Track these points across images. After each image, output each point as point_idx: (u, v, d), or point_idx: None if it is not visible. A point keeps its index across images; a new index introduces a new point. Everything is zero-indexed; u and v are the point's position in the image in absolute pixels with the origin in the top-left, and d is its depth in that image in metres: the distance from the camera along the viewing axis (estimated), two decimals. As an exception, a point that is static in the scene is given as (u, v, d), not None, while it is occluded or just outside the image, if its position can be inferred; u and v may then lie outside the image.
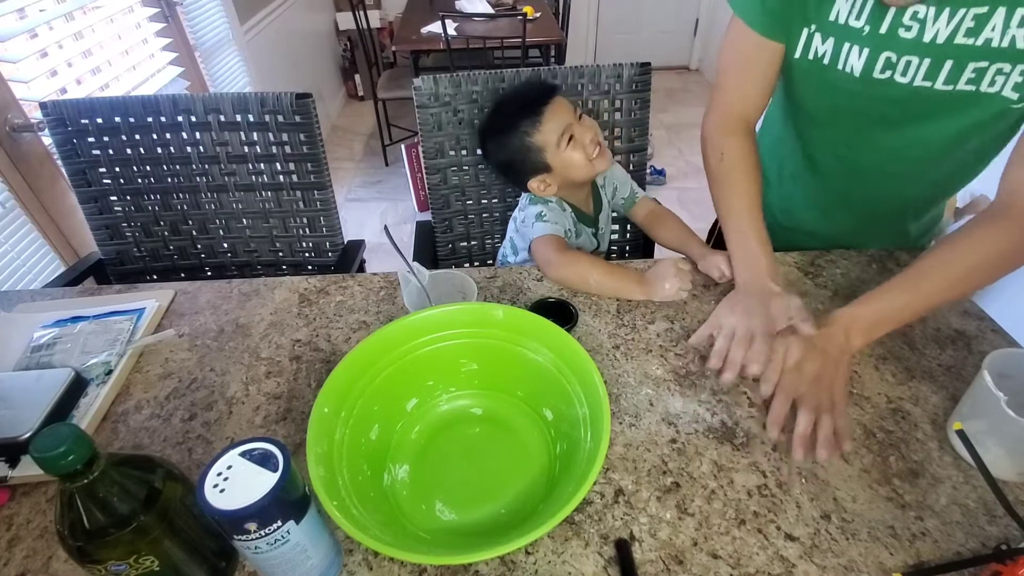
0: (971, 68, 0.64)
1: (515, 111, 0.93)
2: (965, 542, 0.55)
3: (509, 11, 2.77)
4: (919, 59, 0.66)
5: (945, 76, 0.66)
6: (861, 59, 0.69)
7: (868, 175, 0.84)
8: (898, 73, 0.68)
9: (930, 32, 0.64)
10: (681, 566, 0.53)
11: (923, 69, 0.66)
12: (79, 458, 0.39)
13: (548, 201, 0.97)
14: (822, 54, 0.73)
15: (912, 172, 0.81)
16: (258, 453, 0.43)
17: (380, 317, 0.82)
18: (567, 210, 0.99)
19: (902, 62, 0.67)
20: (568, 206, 1.00)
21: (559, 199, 0.98)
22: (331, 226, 1.19)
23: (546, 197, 0.97)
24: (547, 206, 0.96)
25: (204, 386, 0.72)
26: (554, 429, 0.64)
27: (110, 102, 1.04)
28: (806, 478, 0.60)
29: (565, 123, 0.91)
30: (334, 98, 3.76)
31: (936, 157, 0.77)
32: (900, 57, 0.67)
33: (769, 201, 0.95)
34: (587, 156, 0.91)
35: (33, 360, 0.74)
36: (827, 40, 0.71)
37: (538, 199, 0.98)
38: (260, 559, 0.44)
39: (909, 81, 0.68)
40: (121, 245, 1.17)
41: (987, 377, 0.57)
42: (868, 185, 0.86)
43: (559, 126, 0.91)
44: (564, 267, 0.86)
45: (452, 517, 0.58)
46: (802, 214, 0.97)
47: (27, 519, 0.58)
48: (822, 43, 0.72)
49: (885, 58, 0.68)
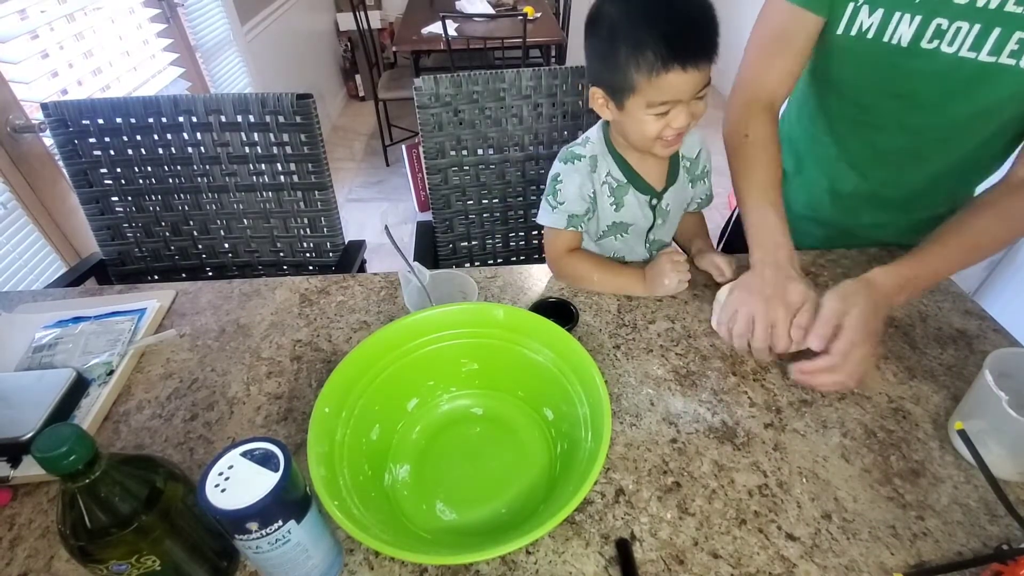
0: (1016, 38, 0.65)
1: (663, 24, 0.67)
2: (966, 542, 0.54)
3: (509, 11, 2.77)
4: (969, 25, 0.67)
5: (991, 46, 0.66)
6: (912, 27, 0.70)
7: (895, 159, 0.83)
8: (945, 42, 0.69)
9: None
10: (682, 566, 0.53)
11: (971, 38, 0.67)
12: (81, 458, 0.39)
13: (579, 158, 0.83)
14: (867, 28, 0.73)
15: (938, 154, 0.80)
16: (259, 453, 0.43)
17: (381, 317, 0.82)
18: (599, 172, 0.84)
19: (952, 29, 0.68)
20: (615, 163, 0.84)
21: (592, 157, 0.84)
22: (332, 226, 1.19)
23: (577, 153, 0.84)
24: (572, 167, 0.83)
25: (205, 386, 0.72)
26: (555, 429, 0.64)
27: (111, 103, 1.05)
28: (806, 478, 0.60)
29: (680, 98, 0.71)
30: (335, 98, 3.76)
31: (964, 138, 0.77)
32: (951, 23, 0.67)
33: (787, 193, 0.92)
34: (658, 133, 0.74)
35: (35, 360, 0.74)
36: (875, 11, 0.71)
37: (568, 155, 0.84)
38: (261, 559, 0.44)
39: (955, 51, 0.69)
40: (122, 245, 1.18)
41: (988, 377, 0.57)
42: (893, 170, 0.85)
43: (672, 93, 0.70)
44: (567, 266, 0.87)
45: (453, 517, 0.58)
46: (823, 203, 0.95)
47: (29, 519, 0.58)
48: (869, 15, 0.72)
49: (936, 25, 0.68)
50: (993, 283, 1.67)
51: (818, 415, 0.67)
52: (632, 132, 0.77)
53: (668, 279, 0.81)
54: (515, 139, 1.16)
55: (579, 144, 0.86)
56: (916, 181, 0.85)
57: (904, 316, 0.80)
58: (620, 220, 0.88)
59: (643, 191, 0.86)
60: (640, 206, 0.87)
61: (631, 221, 0.88)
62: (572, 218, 0.85)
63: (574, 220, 0.85)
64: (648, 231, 0.91)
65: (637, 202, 0.87)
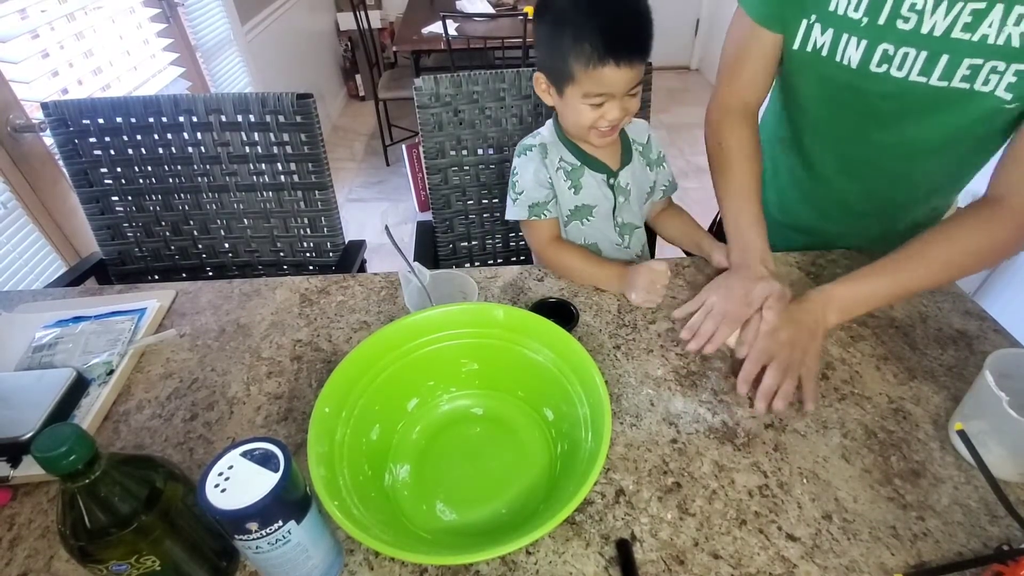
0: (966, 64, 0.64)
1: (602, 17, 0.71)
2: (967, 542, 0.54)
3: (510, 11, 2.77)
4: (916, 52, 0.66)
5: (940, 71, 0.66)
6: (859, 51, 0.70)
7: (861, 172, 0.84)
8: (894, 67, 0.69)
9: (928, 24, 0.64)
10: (682, 566, 0.53)
11: (919, 63, 0.67)
12: (80, 458, 0.39)
13: (530, 148, 0.87)
14: (820, 45, 0.73)
15: (904, 170, 0.81)
16: (259, 453, 0.43)
17: (381, 317, 0.82)
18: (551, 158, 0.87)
19: (899, 55, 0.68)
20: (567, 148, 0.88)
21: (542, 146, 0.87)
22: (332, 226, 1.19)
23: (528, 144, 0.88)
24: (526, 158, 0.87)
25: (205, 386, 0.72)
26: (555, 429, 0.64)
27: (111, 102, 1.05)
28: (807, 478, 0.60)
29: (614, 92, 0.75)
30: (335, 98, 3.76)
31: (928, 156, 0.77)
32: (897, 49, 0.67)
33: (766, 197, 0.95)
34: (592, 123, 0.78)
35: (35, 360, 0.74)
36: (826, 31, 0.72)
37: (520, 148, 0.88)
38: (261, 559, 0.44)
39: (905, 75, 0.68)
40: (122, 245, 1.18)
41: (989, 377, 0.57)
42: (861, 182, 0.86)
43: (607, 87, 0.74)
44: (553, 257, 0.89)
45: (453, 517, 0.58)
46: (798, 211, 0.97)
47: (29, 519, 0.58)
48: (821, 34, 0.73)
49: (882, 50, 0.68)
50: (993, 283, 1.67)
51: (818, 416, 0.67)
52: (569, 119, 0.82)
53: (636, 294, 0.81)
54: (515, 139, 1.16)
55: (530, 136, 0.90)
56: (886, 192, 0.86)
57: (904, 317, 0.80)
58: (582, 203, 0.91)
59: (598, 170, 0.89)
60: (598, 186, 0.90)
61: (593, 203, 0.91)
62: (534, 207, 0.87)
63: (536, 209, 0.88)
64: (613, 212, 0.92)
65: (595, 181, 0.89)
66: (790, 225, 0.99)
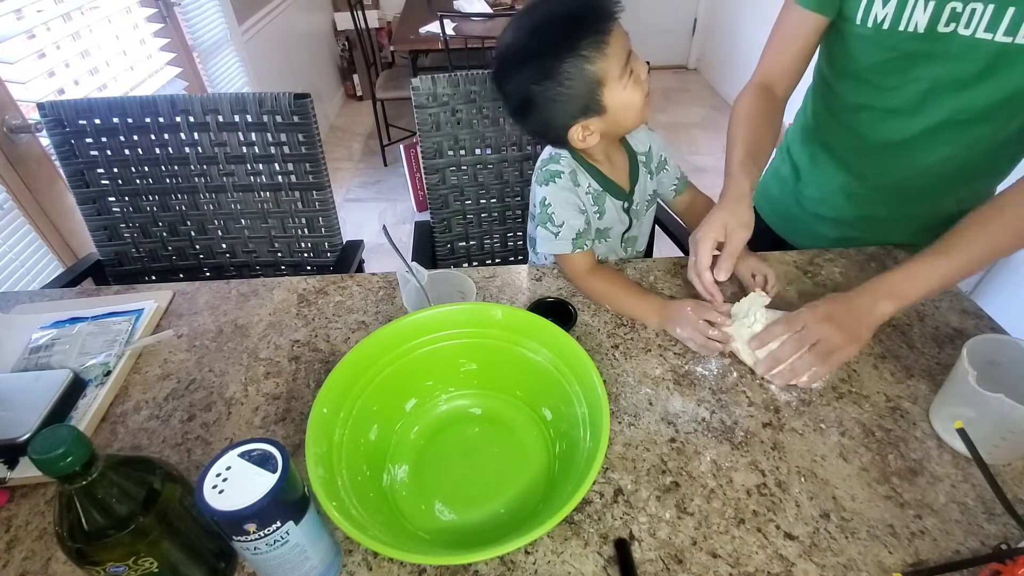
0: None
1: (569, 29, 0.71)
2: (964, 540, 0.55)
3: (507, 11, 2.77)
4: (983, 6, 0.68)
5: (1006, 26, 0.67)
6: (927, 13, 0.71)
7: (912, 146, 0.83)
8: (962, 24, 0.70)
9: None
10: (680, 565, 0.53)
11: (986, 18, 0.68)
12: (78, 459, 0.38)
13: (559, 175, 0.83)
14: (882, 19, 0.75)
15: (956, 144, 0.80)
16: (257, 454, 0.43)
17: (379, 317, 0.82)
18: (581, 185, 0.85)
19: (967, 11, 0.69)
20: (589, 175, 0.86)
21: (571, 172, 0.84)
22: (330, 226, 1.19)
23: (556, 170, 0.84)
24: (556, 186, 0.83)
25: (203, 387, 0.72)
26: (553, 429, 0.64)
27: (108, 103, 1.04)
28: (805, 477, 0.60)
29: (628, 51, 0.74)
30: (332, 98, 3.76)
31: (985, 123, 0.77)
32: (965, 6, 0.69)
33: (801, 191, 0.99)
34: (644, 94, 0.76)
35: (31, 361, 0.74)
36: (888, 2, 0.73)
37: (547, 175, 0.84)
38: (259, 560, 0.44)
39: (972, 33, 0.70)
40: (119, 246, 1.17)
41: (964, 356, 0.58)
42: (910, 160, 0.85)
43: (624, 54, 0.73)
44: (589, 286, 0.84)
45: (451, 517, 0.58)
46: (837, 198, 0.95)
47: (26, 521, 0.58)
48: (883, 7, 0.74)
49: (950, 9, 0.70)
50: (990, 282, 1.67)
51: (816, 414, 0.67)
52: (624, 116, 0.77)
53: (681, 328, 0.75)
54: (513, 139, 1.16)
55: (553, 161, 0.85)
56: (934, 171, 0.85)
57: (902, 316, 0.80)
58: (604, 227, 0.91)
59: (617, 196, 0.89)
60: (617, 211, 0.91)
61: (610, 226, 0.92)
62: (577, 239, 0.83)
63: (579, 241, 0.83)
64: (624, 233, 0.95)
65: (614, 207, 0.90)
66: (826, 217, 0.98)
